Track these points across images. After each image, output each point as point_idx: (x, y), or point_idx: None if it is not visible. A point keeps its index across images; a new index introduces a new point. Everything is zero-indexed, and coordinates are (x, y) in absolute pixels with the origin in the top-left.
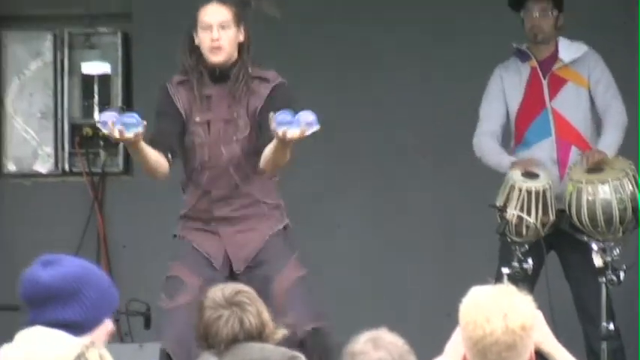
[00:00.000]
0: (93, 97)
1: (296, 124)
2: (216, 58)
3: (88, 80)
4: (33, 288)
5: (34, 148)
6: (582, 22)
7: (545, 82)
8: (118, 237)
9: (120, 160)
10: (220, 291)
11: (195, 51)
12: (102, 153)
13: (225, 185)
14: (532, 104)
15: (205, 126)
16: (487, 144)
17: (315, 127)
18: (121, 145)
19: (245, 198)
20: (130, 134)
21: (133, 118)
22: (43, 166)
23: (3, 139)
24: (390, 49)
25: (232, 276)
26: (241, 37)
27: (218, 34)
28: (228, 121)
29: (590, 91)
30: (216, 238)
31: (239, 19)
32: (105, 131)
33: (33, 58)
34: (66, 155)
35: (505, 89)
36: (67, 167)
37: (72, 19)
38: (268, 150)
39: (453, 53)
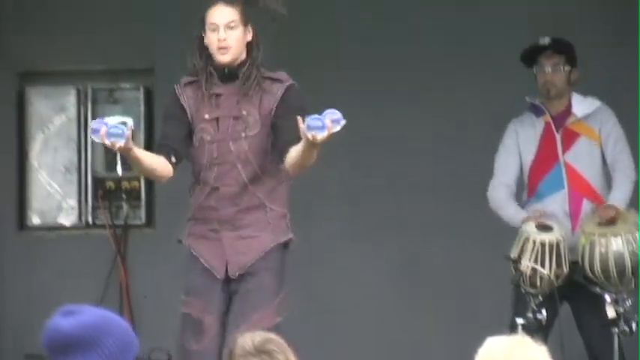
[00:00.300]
0: (116, 151)
1: (325, 128)
2: (223, 58)
3: None
4: (53, 337)
5: (58, 202)
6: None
7: (558, 137)
8: (140, 287)
9: (142, 213)
10: (250, 339)
11: (204, 51)
12: (124, 206)
13: (233, 182)
14: (546, 158)
15: (214, 123)
16: (501, 197)
17: (342, 123)
18: (143, 198)
19: (252, 198)
20: (120, 143)
21: (118, 129)
22: (66, 219)
23: (28, 192)
24: (406, 105)
25: (227, 280)
26: (249, 37)
27: (225, 34)
28: (237, 117)
29: (601, 145)
30: (218, 245)
31: (246, 18)
32: (96, 140)
33: (57, 113)
34: (89, 208)
35: (520, 143)
36: (90, 220)
37: (95, 75)
38: (295, 152)
39: (469, 105)
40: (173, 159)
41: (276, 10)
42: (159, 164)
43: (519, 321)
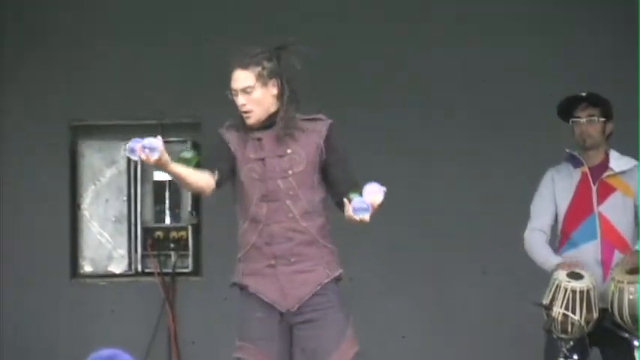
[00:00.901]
0: (164, 202)
1: (370, 208)
2: (248, 121)
3: (159, 186)
4: None
5: (109, 251)
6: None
7: (594, 188)
8: (188, 333)
9: (189, 261)
10: None
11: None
12: (172, 255)
13: (284, 219)
14: (581, 207)
15: (260, 162)
16: (536, 241)
17: (383, 191)
18: (191, 247)
19: (304, 234)
20: (155, 157)
21: (153, 143)
22: (117, 267)
23: (80, 241)
24: (440, 150)
25: (284, 314)
26: (274, 91)
27: (244, 99)
28: (282, 156)
29: (635, 202)
30: (275, 280)
31: (265, 77)
32: (134, 159)
33: (108, 166)
34: (139, 257)
35: (556, 191)
36: (139, 268)
37: (145, 129)
38: (346, 213)
39: (504, 154)
40: (217, 175)
41: (292, 61)
42: (201, 177)
43: None
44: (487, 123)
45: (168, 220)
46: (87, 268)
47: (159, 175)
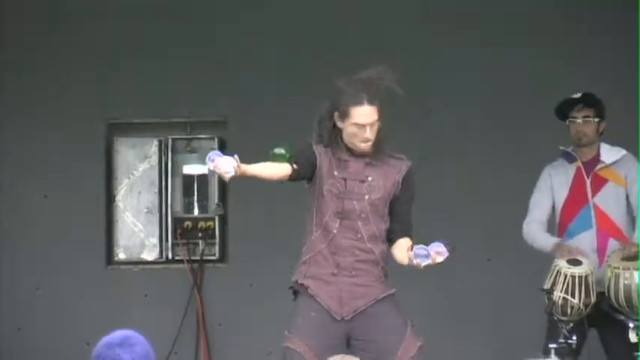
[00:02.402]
0: (193, 194)
1: (429, 258)
2: (365, 147)
3: (188, 180)
4: None
5: (142, 239)
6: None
7: (588, 181)
8: (215, 316)
9: (216, 249)
10: None
11: (335, 130)
12: (200, 243)
13: (353, 236)
14: (576, 199)
15: (342, 181)
16: (535, 229)
17: (446, 256)
18: (217, 236)
19: (368, 254)
20: (229, 175)
21: (228, 165)
22: (149, 255)
23: (115, 231)
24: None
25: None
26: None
27: (370, 133)
28: (363, 181)
29: (626, 190)
30: (335, 288)
31: (382, 112)
32: (211, 168)
33: (141, 161)
34: (169, 245)
35: (553, 186)
36: (170, 256)
37: (175, 127)
38: (400, 255)
39: (505, 152)
40: (295, 169)
41: (394, 89)
42: (277, 172)
43: (552, 345)
44: (491, 121)
45: (196, 211)
46: (121, 255)
47: (188, 169)
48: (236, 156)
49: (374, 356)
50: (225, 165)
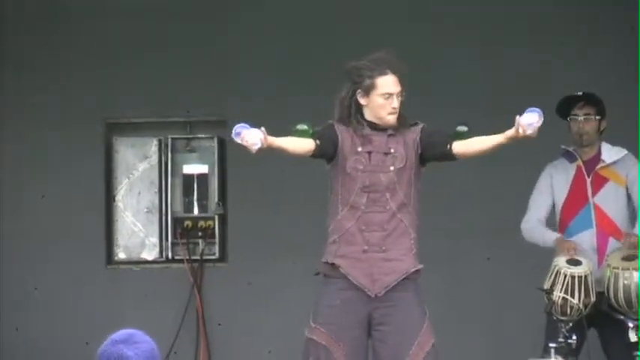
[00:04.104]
0: (192, 194)
1: (535, 123)
2: (392, 119)
3: (188, 179)
4: None
5: (142, 239)
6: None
7: (588, 180)
8: (214, 316)
9: (216, 248)
10: None
11: (358, 108)
12: (200, 242)
13: (382, 209)
14: (577, 199)
15: (366, 155)
16: (534, 226)
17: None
18: (217, 236)
19: (398, 225)
20: (256, 147)
21: (254, 142)
22: (149, 254)
23: (115, 231)
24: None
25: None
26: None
27: (397, 102)
28: (387, 153)
29: (627, 189)
30: (366, 265)
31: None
32: (238, 141)
33: (140, 161)
34: (169, 245)
35: (553, 185)
36: (170, 255)
37: (174, 126)
38: (481, 143)
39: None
40: (317, 144)
41: (402, 65)
42: (301, 147)
43: (552, 345)
44: (491, 121)
45: (196, 211)
46: (121, 255)
47: (188, 169)
48: (263, 128)
49: (391, 349)
50: (253, 137)
